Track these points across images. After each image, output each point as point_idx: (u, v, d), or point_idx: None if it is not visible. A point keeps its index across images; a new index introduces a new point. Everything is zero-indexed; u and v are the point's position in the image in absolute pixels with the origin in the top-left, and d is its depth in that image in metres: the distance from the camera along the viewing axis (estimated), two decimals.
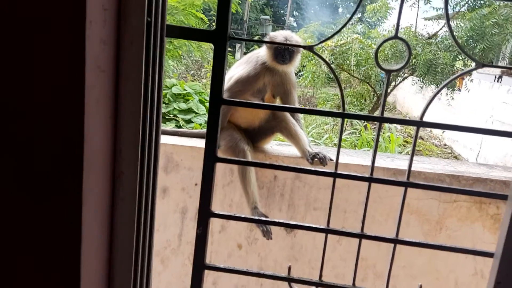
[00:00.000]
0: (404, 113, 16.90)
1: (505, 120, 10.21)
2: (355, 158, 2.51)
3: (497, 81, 13.57)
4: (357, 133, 9.03)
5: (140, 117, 0.87)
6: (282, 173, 2.41)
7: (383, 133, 7.99)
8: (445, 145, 13.03)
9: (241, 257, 2.53)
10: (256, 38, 22.67)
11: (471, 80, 9.68)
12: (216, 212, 1.09)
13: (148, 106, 0.90)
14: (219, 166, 2.44)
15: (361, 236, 1.10)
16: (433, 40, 9.14)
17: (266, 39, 2.45)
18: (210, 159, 1.06)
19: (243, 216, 1.09)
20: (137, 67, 0.85)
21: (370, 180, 1.05)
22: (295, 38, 2.29)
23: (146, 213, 0.96)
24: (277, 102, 2.48)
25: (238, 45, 22.60)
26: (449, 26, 0.92)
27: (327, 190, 2.43)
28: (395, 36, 0.96)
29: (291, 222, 1.08)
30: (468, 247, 1.05)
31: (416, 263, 2.49)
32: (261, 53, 2.36)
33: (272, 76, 2.34)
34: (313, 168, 1.05)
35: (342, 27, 1.08)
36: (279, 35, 2.29)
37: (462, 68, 10.60)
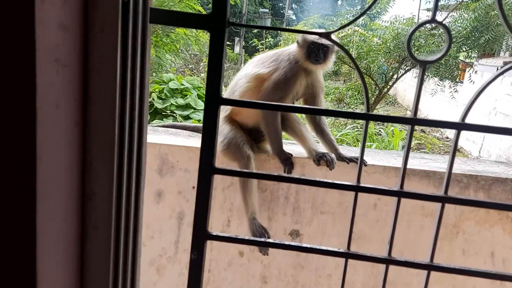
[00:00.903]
0: (405, 106, 16.71)
1: (508, 112, 10.04)
2: (365, 158, 2.33)
3: None
4: (359, 127, 8.86)
5: (115, 124, 0.69)
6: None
7: (386, 127, 7.81)
8: (447, 138, 12.86)
9: (242, 265, 2.36)
10: (254, 31, 22.39)
11: (475, 72, 9.48)
12: (214, 234, 0.91)
13: (127, 109, 0.71)
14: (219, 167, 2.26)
15: (388, 261, 0.92)
16: (436, 31, 8.92)
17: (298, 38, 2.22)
18: (207, 171, 0.87)
19: (246, 238, 0.91)
20: (111, 60, 0.66)
21: (400, 194, 0.87)
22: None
23: (126, 243, 0.78)
24: (296, 104, 2.30)
25: (237, 39, 22.34)
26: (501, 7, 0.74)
27: (335, 192, 2.26)
28: (432, 20, 0.78)
29: (302, 245, 0.91)
30: None
31: None
32: (292, 50, 2.17)
33: (306, 76, 2.16)
34: (330, 181, 0.87)
35: (363, 13, 0.89)
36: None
37: (463, 60, 10.39)
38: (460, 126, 0.82)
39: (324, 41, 2.07)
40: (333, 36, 0.83)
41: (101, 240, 0.73)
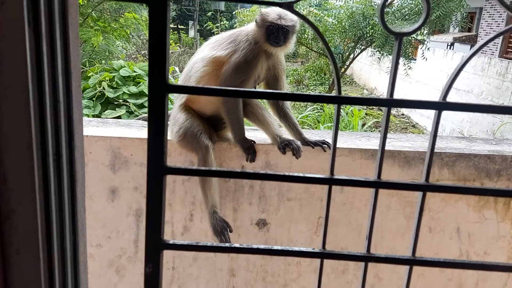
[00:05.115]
0: (362, 85, 17.00)
1: (460, 87, 10.39)
2: (329, 140, 2.26)
3: (450, 48, 13.83)
4: (319, 108, 8.89)
5: (31, 123, 0.54)
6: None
7: (345, 107, 7.86)
8: (402, 114, 13.22)
9: (208, 259, 2.25)
10: (209, 14, 21.93)
11: (428, 49, 9.71)
12: (171, 242, 0.79)
13: (47, 103, 0.57)
14: (178, 158, 2.12)
15: (368, 258, 0.83)
16: (390, 10, 9.02)
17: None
18: (157, 171, 0.74)
19: (209, 245, 0.80)
20: (17, 42, 0.51)
21: (378, 185, 0.78)
22: (290, 15, 1.98)
23: (64, 265, 0.64)
24: (259, 88, 2.18)
25: (191, 22, 21.80)
26: None
27: None
28: None
29: (273, 248, 0.80)
30: (505, 263, 0.81)
31: (399, 248, 2.31)
32: (250, 30, 2.02)
33: (267, 58, 2.03)
34: (301, 175, 0.76)
35: None
36: (272, 13, 1.96)
37: (415, 37, 10.60)
38: (441, 106, 0.74)
39: (284, 22, 1.96)
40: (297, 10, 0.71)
41: (27, 267, 0.59)
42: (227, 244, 0.81)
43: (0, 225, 0.57)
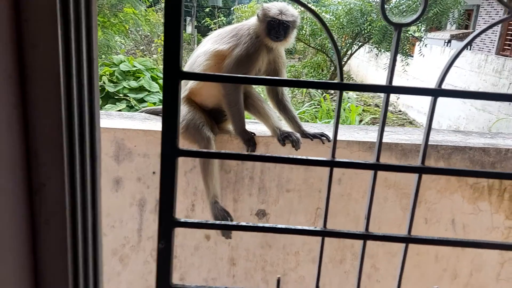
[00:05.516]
0: (359, 82, 17.05)
1: (457, 84, 10.46)
2: (327, 133, 2.31)
3: (447, 45, 13.90)
4: (316, 104, 8.94)
5: (61, 104, 0.59)
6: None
7: (343, 103, 7.92)
8: (399, 111, 13.29)
9: (209, 249, 2.31)
10: (206, 10, 21.91)
11: (425, 45, 9.76)
12: (183, 220, 0.84)
13: (74, 86, 0.62)
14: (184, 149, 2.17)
15: (366, 236, 0.88)
16: (387, 6, 9.09)
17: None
18: (170, 154, 0.79)
19: (217, 223, 0.85)
20: (51, 28, 0.56)
21: (377, 167, 0.83)
22: (291, 11, 2.03)
23: (85, 237, 0.69)
24: None
25: (188, 18, 21.78)
26: None
27: (300, 169, 2.23)
28: None
29: (277, 226, 0.85)
30: (497, 241, 0.87)
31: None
32: (252, 24, 2.07)
33: (268, 52, 2.09)
34: (304, 158, 0.81)
35: None
36: (273, 8, 2.02)
37: (412, 34, 10.66)
38: (437, 93, 0.79)
39: (285, 17, 2.01)
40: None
41: (55, 236, 0.64)
42: (234, 223, 0.86)
43: (31, 197, 0.62)
